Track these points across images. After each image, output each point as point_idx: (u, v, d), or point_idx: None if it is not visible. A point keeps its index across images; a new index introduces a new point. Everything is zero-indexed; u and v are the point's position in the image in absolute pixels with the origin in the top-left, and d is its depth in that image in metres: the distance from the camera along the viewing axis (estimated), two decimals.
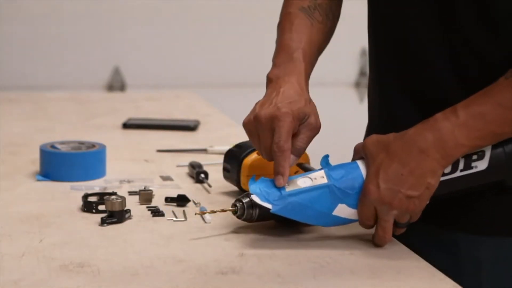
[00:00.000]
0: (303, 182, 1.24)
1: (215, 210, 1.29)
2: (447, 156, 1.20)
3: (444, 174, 1.22)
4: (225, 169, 1.50)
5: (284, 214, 1.23)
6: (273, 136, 1.25)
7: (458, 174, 1.23)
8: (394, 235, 1.25)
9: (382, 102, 1.41)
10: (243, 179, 1.46)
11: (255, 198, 1.24)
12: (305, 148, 1.29)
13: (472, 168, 1.23)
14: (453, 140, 1.20)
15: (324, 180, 1.24)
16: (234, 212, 1.27)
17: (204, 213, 1.33)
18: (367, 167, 1.23)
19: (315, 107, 1.31)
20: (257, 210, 1.25)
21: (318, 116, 1.31)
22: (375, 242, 1.25)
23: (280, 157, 1.24)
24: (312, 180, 1.24)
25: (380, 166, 1.21)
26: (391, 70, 1.36)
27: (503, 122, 1.20)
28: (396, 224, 1.24)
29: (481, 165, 1.23)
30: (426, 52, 1.30)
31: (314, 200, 1.23)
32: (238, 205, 1.27)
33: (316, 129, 1.29)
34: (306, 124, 1.28)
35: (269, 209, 1.23)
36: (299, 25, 1.38)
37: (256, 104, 1.31)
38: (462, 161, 1.22)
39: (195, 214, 1.37)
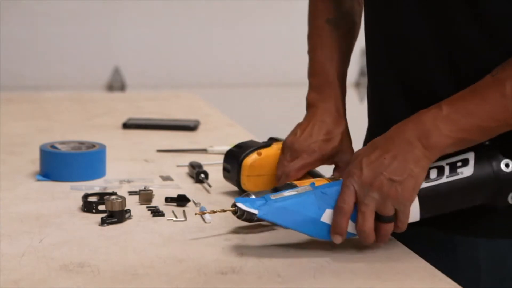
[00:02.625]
0: (288, 193, 1.24)
1: (215, 210, 1.29)
2: (430, 146, 1.19)
3: (430, 180, 1.21)
4: (225, 169, 1.50)
5: (271, 219, 1.22)
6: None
7: (444, 179, 1.22)
8: (394, 234, 1.25)
9: (378, 103, 1.41)
10: (243, 179, 1.46)
11: (240, 205, 1.23)
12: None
13: (458, 174, 1.22)
14: (436, 130, 1.19)
15: (309, 189, 1.24)
16: (234, 212, 1.27)
17: (204, 213, 1.33)
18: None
19: (349, 140, 1.46)
20: None
21: (350, 150, 1.45)
22: (360, 238, 1.22)
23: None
24: (297, 192, 1.24)
25: (364, 155, 1.22)
26: (386, 70, 1.37)
27: (488, 117, 1.20)
28: (379, 218, 1.20)
29: (467, 171, 1.22)
30: (420, 52, 1.30)
31: (300, 204, 1.21)
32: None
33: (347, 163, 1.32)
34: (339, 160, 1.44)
35: (255, 214, 1.22)
36: (328, 41, 1.49)
37: (297, 127, 1.45)
38: (447, 168, 1.22)
39: (195, 214, 1.37)
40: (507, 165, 1.23)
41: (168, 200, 1.45)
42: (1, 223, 1.34)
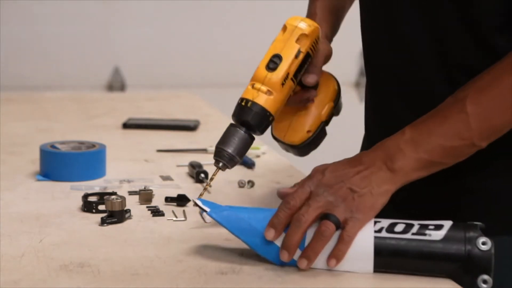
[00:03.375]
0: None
1: (206, 185, 1.29)
2: (395, 170, 1.18)
3: (394, 232, 1.14)
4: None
5: (219, 220, 1.20)
6: None
7: (409, 236, 1.14)
8: None
9: (377, 103, 1.42)
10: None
11: (198, 202, 1.21)
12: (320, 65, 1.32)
13: (425, 235, 1.14)
14: (400, 154, 1.18)
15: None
16: (222, 170, 1.25)
17: (202, 194, 1.28)
18: None
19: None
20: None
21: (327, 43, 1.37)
22: (288, 234, 1.15)
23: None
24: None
25: (328, 165, 1.20)
26: (383, 71, 1.37)
27: (450, 135, 1.18)
28: (325, 216, 1.15)
29: (436, 235, 1.14)
30: (416, 52, 1.31)
31: (252, 215, 1.19)
32: (221, 165, 1.25)
33: (327, 49, 1.31)
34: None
35: (206, 211, 1.20)
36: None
37: None
38: (416, 226, 1.15)
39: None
40: (484, 243, 1.13)
41: (168, 200, 1.45)
42: (1, 223, 1.34)
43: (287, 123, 1.37)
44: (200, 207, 1.21)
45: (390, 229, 1.15)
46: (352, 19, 1.55)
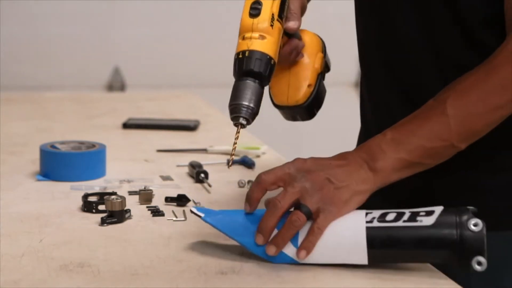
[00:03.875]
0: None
1: (232, 151, 1.26)
2: (376, 169, 1.18)
3: (384, 221, 1.15)
4: None
5: (214, 223, 1.21)
6: None
7: (400, 223, 1.14)
8: None
9: (371, 98, 1.42)
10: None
11: (193, 209, 1.22)
12: (298, 9, 1.28)
13: (416, 221, 1.14)
14: (381, 154, 1.19)
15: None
16: (243, 126, 1.23)
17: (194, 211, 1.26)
18: None
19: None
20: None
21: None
22: (265, 213, 1.17)
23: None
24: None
25: (313, 156, 1.21)
26: (376, 65, 1.38)
27: (431, 136, 1.19)
28: (299, 207, 1.15)
29: (427, 221, 1.14)
30: (410, 51, 1.32)
31: (247, 217, 1.20)
32: (241, 120, 1.24)
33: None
34: None
35: (200, 217, 1.21)
36: None
37: None
38: (408, 214, 1.15)
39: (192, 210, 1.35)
40: (475, 225, 1.12)
41: (168, 200, 1.45)
42: (1, 223, 1.34)
43: (285, 85, 1.34)
44: (195, 214, 1.22)
45: (382, 218, 1.15)
46: (352, 20, 1.55)
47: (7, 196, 1.49)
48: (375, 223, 1.15)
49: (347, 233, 1.16)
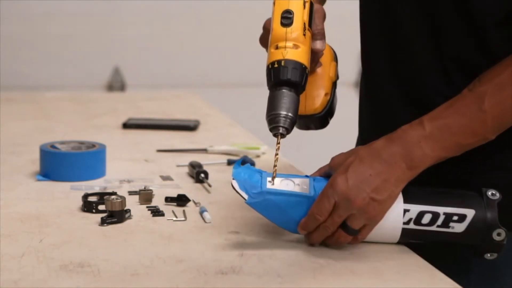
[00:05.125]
0: (285, 184, 1.24)
1: (275, 161, 1.24)
2: (413, 167, 1.21)
3: (421, 224, 1.23)
4: None
5: (257, 208, 1.22)
6: None
7: (434, 228, 1.23)
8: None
9: (371, 96, 1.42)
10: None
11: (234, 183, 1.23)
12: (323, 27, 1.29)
13: (449, 227, 1.23)
14: (419, 151, 1.21)
15: (307, 190, 1.23)
16: (282, 136, 1.22)
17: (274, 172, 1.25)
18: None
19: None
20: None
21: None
22: (311, 235, 1.24)
23: None
24: (294, 184, 1.24)
25: (350, 165, 1.22)
26: (383, 70, 1.38)
27: (467, 133, 1.22)
28: (345, 228, 1.22)
29: (459, 227, 1.23)
30: (416, 52, 1.32)
31: (291, 206, 1.22)
32: (281, 131, 1.21)
33: (322, 10, 1.30)
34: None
35: (244, 199, 1.22)
36: None
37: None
38: (442, 218, 1.23)
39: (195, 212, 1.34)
40: (498, 234, 1.22)
41: (168, 200, 1.45)
42: (1, 223, 1.34)
43: (302, 95, 1.31)
44: (237, 192, 1.23)
45: (418, 220, 1.22)
46: (352, 19, 1.56)
47: (7, 196, 1.49)
48: (411, 225, 1.23)
49: (384, 231, 1.24)
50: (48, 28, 3.51)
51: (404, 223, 1.23)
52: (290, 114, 1.20)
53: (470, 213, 1.22)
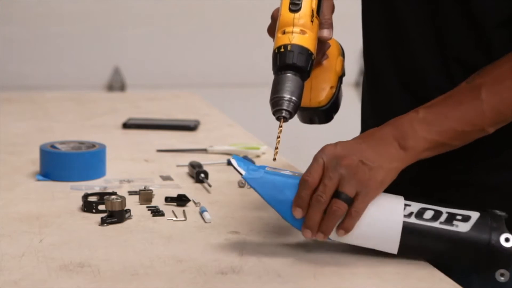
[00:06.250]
0: (284, 171, 1.23)
1: (277, 144, 1.22)
2: (406, 148, 1.20)
3: (422, 219, 1.18)
4: None
5: (254, 185, 1.20)
6: None
7: (437, 225, 1.18)
8: None
9: (373, 95, 1.42)
10: None
11: (233, 160, 1.22)
12: (331, 17, 1.28)
13: (453, 225, 1.17)
14: (412, 132, 1.20)
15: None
16: (285, 119, 1.20)
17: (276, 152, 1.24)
18: None
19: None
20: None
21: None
22: (309, 208, 1.18)
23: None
24: (292, 173, 1.24)
25: (341, 141, 1.21)
26: (381, 60, 1.38)
27: (463, 120, 1.21)
28: (337, 194, 1.17)
29: (463, 226, 1.17)
30: (415, 41, 1.32)
31: (288, 186, 1.20)
32: (284, 114, 1.20)
33: (330, 1, 1.29)
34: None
35: (241, 174, 1.20)
36: None
37: None
38: (445, 215, 1.18)
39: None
40: (507, 240, 1.16)
41: (168, 200, 1.45)
42: (1, 223, 1.34)
43: (307, 87, 1.32)
44: (235, 168, 1.21)
45: (419, 215, 1.18)
46: (352, 19, 1.56)
47: (7, 196, 1.49)
48: (412, 219, 1.18)
49: (384, 224, 1.19)
50: (48, 28, 3.51)
51: (405, 216, 1.18)
52: (294, 98, 1.20)
53: (474, 214, 1.18)
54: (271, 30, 1.28)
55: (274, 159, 1.21)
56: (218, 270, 1.16)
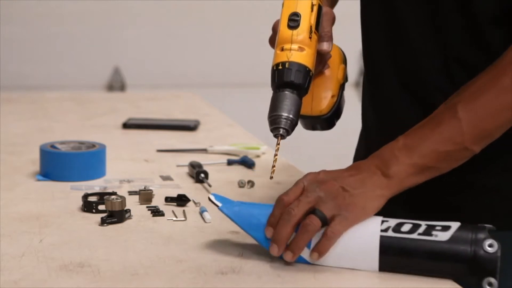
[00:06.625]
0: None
1: (274, 161, 1.22)
2: (389, 175, 1.19)
3: (400, 232, 1.15)
4: None
5: (230, 215, 1.21)
6: None
7: (415, 236, 1.14)
8: None
9: (374, 95, 1.42)
10: None
11: (211, 196, 1.22)
12: (331, 30, 1.29)
13: (432, 235, 1.14)
14: (394, 160, 1.19)
15: None
16: (283, 137, 1.21)
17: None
18: None
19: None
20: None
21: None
22: (277, 229, 1.15)
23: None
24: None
25: (324, 170, 1.21)
26: (381, 60, 1.38)
27: (443, 140, 1.20)
28: (312, 211, 1.15)
29: (443, 236, 1.13)
30: (415, 41, 1.32)
31: (265, 215, 1.19)
32: (282, 132, 1.21)
33: (331, 13, 1.29)
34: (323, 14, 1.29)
35: (218, 206, 1.21)
36: None
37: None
38: (424, 227, 1.14)
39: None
40: (490, 245, 1.12)
41: (168, 200, 1.46)
42: (1, 223, 1.34)
43: (309, 95, 1.32)
44: (212, 202, 1.22)
45: (397, 228, 1.15)
46: (352, 19, 1.56)
47: (7, 196, 1.49)
48: (390, 233, 1.15)
49: (361, 240, 1.16)
50: (48, 28, 3.51)
51: (382, 230, 1.15)
52: (291, 116, 1.21)
53: (454, 224, 1.15)
54: (272, 41, 1.29)
55: (271, 178, 1.22)
56: (218, 270, 1.16)
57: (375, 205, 1.17)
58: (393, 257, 1.15)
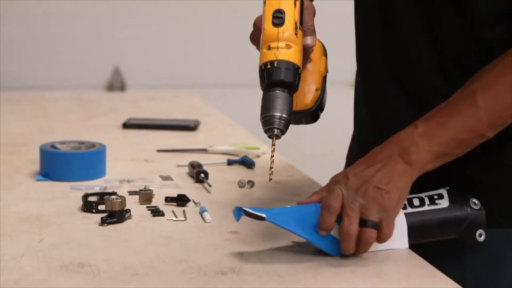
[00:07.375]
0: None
1: (271, 163, 1.23)
2: (411, 162, 1.21)
3: (415, 206, 1.25)
4: None
5: (277, 221, 1.21)
6: None
7: (426, 207, 1.26)
8: None
9: (367, 95, 1.43)
10: None
11: (249, 210, 1.21)
12: (313, 24, 1.29)
13: (436, 204, 1.26)
14: (415, 147, 1.22)
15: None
16: (277, 137, 1.22)
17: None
18: None
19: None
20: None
21: None
22: (343, 243, 1.20)
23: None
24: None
25: (347, 169, 1.23)
26: (375, 61, 1.38)
27: (462, 128, 1.23)
28: (363, 223, 1.20)
29: (443, 203, 1.27)
30: (409, 42, 1.32)
31: (307, 215, 1.21)
32: (276, 132, 1.21)
33: (312, 6, 1.30)
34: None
35: (263, 218, 1.21)
36: None
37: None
38: (427, 198, 1.27)
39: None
40: (474, 203, 1.28)
41: (168, 200, 1.46)
42: (1, 223, 1.34)
43: None
44: (252, 215, 1.21)
45: (411, 204, 1.26)
46: (349, 19, 1.55)
47: (7, 196, 1.49)
48: (409, 209, 1.25)
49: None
50: (48, 28, 3.51)
51: (402, 209, 1.24)
52: (284, 115, 1.21)
53: (443, 191, 1.28)
54: (254, 38, 1.29)
55: (270, 179, 1.22)
56: (218, 270, 1.16)
57: (406, 193, 1.23)
58: (415, 230, 1.25)
